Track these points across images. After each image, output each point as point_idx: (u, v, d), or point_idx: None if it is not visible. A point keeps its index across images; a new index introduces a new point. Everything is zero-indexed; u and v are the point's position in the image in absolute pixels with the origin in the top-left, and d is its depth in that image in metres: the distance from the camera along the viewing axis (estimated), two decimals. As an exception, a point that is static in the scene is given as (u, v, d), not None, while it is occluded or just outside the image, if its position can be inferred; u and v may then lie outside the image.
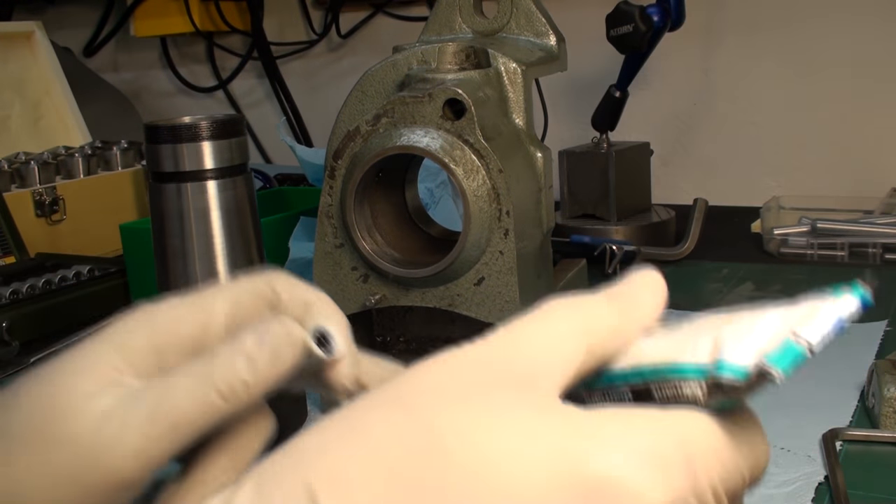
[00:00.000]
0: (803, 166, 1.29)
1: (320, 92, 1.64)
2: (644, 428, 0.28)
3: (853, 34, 1.23)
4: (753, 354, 0.28)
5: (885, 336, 0.73)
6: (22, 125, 1.28)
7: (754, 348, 0.28)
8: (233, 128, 0.64)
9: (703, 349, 0.30)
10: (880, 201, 1.11)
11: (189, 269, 0.64)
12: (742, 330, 0.30)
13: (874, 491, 0.51)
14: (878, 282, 0.31)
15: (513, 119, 0.65)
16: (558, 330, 0.31)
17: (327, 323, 0.43)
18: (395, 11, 1.53)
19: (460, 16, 0.72)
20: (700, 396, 0.29)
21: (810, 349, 0.28)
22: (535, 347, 0.30)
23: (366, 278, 0.64)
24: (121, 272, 0.94)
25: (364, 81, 0.66)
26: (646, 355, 0.31)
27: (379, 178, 0.65)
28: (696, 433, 0.29)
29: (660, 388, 0.30)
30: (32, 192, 1.07)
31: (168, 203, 0.63)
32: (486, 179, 0.60)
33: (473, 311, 0.62)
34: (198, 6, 1.58)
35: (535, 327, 0.31)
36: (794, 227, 1.02)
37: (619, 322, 0.32)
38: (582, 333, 0.31)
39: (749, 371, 0.28)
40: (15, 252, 0.99)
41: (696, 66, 1.34)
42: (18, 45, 1.30)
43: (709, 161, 1.36)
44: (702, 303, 0.86)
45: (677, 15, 1.06)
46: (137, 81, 1.80)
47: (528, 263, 0.63)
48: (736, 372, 0.28)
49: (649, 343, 0.32)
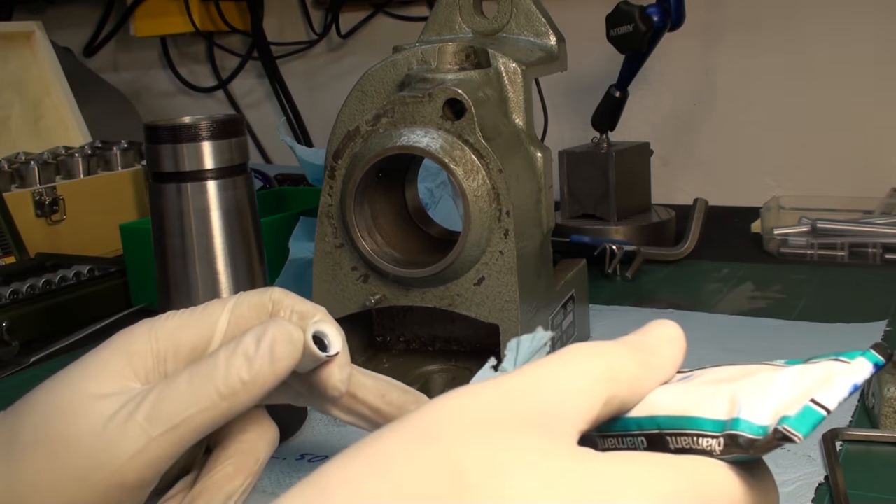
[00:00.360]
0: (803, 166, 1.29)
1: (320, 92, 1.64)
2: (663, 474, 0.29)
3: (853, 34, 1.23)
4: (771, 414, 0.29)
5: (885, 336, 0.73)
6: (22, 125, 1.28)
7: (772, 408, 0.29)
8: (233, 128, 0.64)
9: (721, 404, 0.30)
10: (880, 201, 1.11)
11: (189, 269, 0.64)
12: (759, 387, 0.30)
13: (874, 491, 0.51)
14: (890, 348, 0.32)
15: (513, 119, 0.65)
16: (581, 375, 0.31)
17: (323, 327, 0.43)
18: (395, 11, 1.53)
19: (460, 16, 0.72)
20: (716, 449, 0.30)
21: (828, 412, 0.29)
22: (557, 390, 0.31)
23: (366, 278, 0.64)
24: (121, 272, 0.94)
25: (364, 81, 0.66)
26: (662, 405, 0.32)
27: (379, 178, 0.65)
28: (713, 481, 0.29)
29: (675, 439, 0.31)
30: (32, 192, 1.07)
31: (168, 203, 0.63)
32: (486, 179, 0.60)
33: (473, 311, 0.62)
34: (198, 6, 1.58)
35: (559, 370, 0.31)
36: (794, 227, 1.02)
37: (640, 374, 0.32)
38: (604, 381, 0.31)
39: (767, 430, 0.29)
40: (15, 252, 0.99)
41: (696, 66, 1.34)
42: (18, 45, 1.30)
43: (709, 161, 1.36)
44: (702, 303, 0.86)
45: (677, 15, 1.06)
46: (137, 81, 1.80)
47: (528, 263, 0.63)
48: (754, 430, 0.29)
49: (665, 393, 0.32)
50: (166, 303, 0.64)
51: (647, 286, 0.93)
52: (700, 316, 0.81)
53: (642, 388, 0.32)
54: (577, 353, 0.32)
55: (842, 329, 0.75)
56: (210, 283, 0.64)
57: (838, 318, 0.77)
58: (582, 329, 0.75)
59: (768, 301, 0.85)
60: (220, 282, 0.64)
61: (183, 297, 0.64)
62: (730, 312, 0.82)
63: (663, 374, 0.33)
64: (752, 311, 0.82)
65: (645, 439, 0.31)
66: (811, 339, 0.73)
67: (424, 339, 0.69)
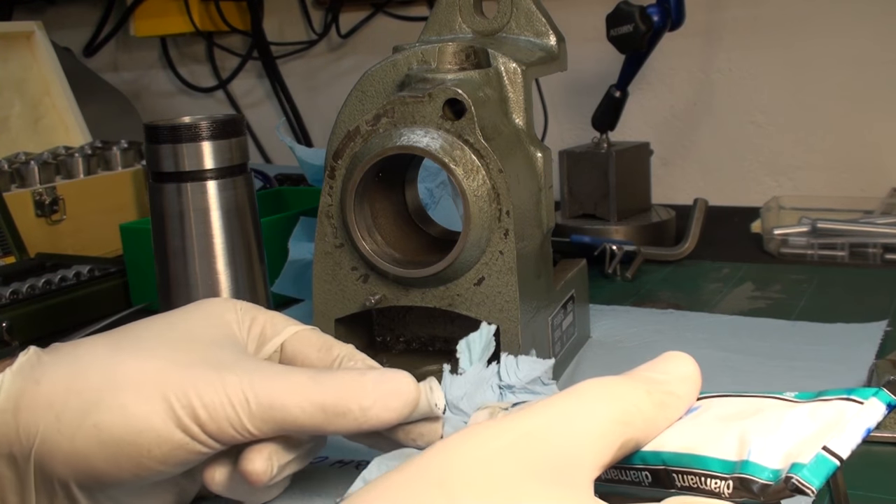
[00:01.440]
0: (803, 166, 1.29)
1: (320, 92, 1.64)
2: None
3: (853, 34, 1.23)
4: (782, 457, 0.28)
5: (886, 336, 0.73)
6: (22, 125, 1.28)
7: (783, 451, 0.28)
8: (233, 128, 0.64)
9: (730, 443, 0.30)
10: (880, 201, 1.11)
11: (189, 269, 0.64)
12: (768, 427, 0.29)
13: (874, 491, 0.51)
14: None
15: (513, 119, 0.65)
16: (597, 418, 0.30)
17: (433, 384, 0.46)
18: (395, 11, 1.53)
19: (460, 16, 0.72)
20: (725, 492, 0.29)
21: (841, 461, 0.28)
22: (573, 436, 0.30)
23: (366, 278, 0.64)
24: (121, 272, 0.94)
25: (364, 81, 0.66)
26: (667, 441, 0.31)
27: (379, 178, 0.65)
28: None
29: (682, 477, 0.30)
30: (32, 192, 1.07)
31: (168, 203, 0.63)
32: (486, 179, 0.60)
33: (473, 311, 0.62)
34: (198, 6, 1.58)
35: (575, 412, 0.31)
36: (794, 227, 1.02)
37: (654, 414, 0.31)
38: (619, 424, 0.30)
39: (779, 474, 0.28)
40: (15, 252, 0.99)
41: (696, 66, 1.34)
42: (18, 45, 1.30)
43: (709, 161, 1.36)
44: (702, 303, 0.86)
45: (677, 15, 1.06)
46: (137, 81, 1.80)
47: (528, 263, 0.63)
48: (765, 474, 0.28)
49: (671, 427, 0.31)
50: (166, 303, 0.64)
51: (647, 286, 0.93)
52: (700, 316, 0.81)
53: (657, 429, 0.31)
54: (593, 393, 0.31)
55: (842, 329, 0.75)
56: (210, 283, 0.64)
57: (838, 318, 0.77)
58: (582, 329, 0.75)
59: (768, 301, 0.85)
60: (220, 282, 0.64)
61: (183, 297, 0.64)
62: (730, 312, 0.82)
63: (678, 414, 0.32)
64: (752, 311, 0.82)
65: (650, 474, 0.31)
66: (811, 339, 0.73)
67: (424, 339, 0.69)
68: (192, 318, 0.46)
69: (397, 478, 0.29)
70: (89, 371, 0.41)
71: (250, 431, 0.42)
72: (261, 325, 0.48)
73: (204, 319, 0.46)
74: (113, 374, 0.41)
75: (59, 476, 0.40)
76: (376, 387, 0.42)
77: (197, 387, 0.41)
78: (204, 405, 0.41)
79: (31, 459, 0.40)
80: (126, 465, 0.40)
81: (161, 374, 0.41)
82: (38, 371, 0.41)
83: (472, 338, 0.54)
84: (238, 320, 0.47)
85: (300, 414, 0.41)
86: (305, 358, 0.48)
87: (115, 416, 0.40)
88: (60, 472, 0.40)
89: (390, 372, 0.43)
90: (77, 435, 0.40)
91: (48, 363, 0.42)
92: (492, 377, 0.53)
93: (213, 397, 0.41)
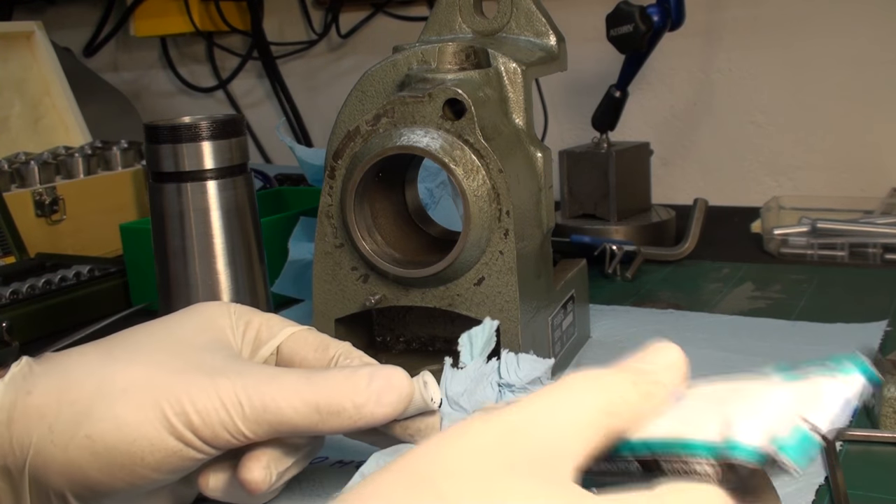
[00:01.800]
0: (803, 166, 1.29)
1: (320, 92, 1.64)
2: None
3: (853, 34, 1.23)
4: (764, 435, 0.29)
5: (885, 336, 0.73)
6: (22, 125, 1.28)
7: (764, 429, 0.29)
8: (233, 128, 0.64)
9: (712, 426, 0.30)
10: (880, 201, 1.11)
11: (189, 269, 0.64)
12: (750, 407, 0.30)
13: (874, 491, 0.51)
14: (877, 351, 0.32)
15: (513, 119, 0.65)
16: (581, 408, 0.31)
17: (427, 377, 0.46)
18: (395, 11, 1.53)
19: (460, 16, 0.72)
20: (711, 474, 0.30)
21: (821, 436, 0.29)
22: (555, 428, 0.30)
23: (366, 278, 0.64)
24: (121, 272, 0.94)
25: (364, 81, 0.66)
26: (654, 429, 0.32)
27: (379, 178, 0.65)
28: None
29: (669, 462, 0.31)
30: (32, 192, 1.07)
31: (168, 203, 0.63)
32: (486, 179, 0.60)
33: (473, 311, 0.62)
34: (198, 6, 1.58)
35: (559, 404, 0.31)
36: (794, 227, 1.02)
37: (642, 404, 0.32)
38: (604, 414, 0.31)
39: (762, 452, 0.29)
40: (15, 252, 0.99)
41: (696, 66, 1.34)
42: (18, 45, 1.30)
43: (709, 161, 1.36)
44: (702, 303, 0.86)
45: (677, 15, 1.06)
46: (137, 81, 1.80)
47: (528, 263, 0.63)
48: (748, 453, 0.29)
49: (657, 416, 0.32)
50: (166, 303, 0.64)
51: (647, 286, 0.93)
52: (700, 316, 0.81)
53: (643, 418, 0.32)
54: (578, 385, 0.31)
55: (842, 329, 0.75)
56: (210, 284, 0.64)
57: (838, 318, 0.77)
58: (582, 329, 0.75)
59: (768, 301, 0.85)
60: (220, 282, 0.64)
61: (183, 297, 0.64)
62: (730, 312, 0.82)
63: (664, 403, 0.32)
64: (752, 311, 0.82)
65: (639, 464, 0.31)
66: (811, 339, 0.73)
67: (424, 339, 0.69)
68: (185, 324, 0.46)
69: (386, 475, 0.29)
70: (81, 380, 0.41)
71: (245, 435, 0.42)
72: (256, 328, 0.48)
73: (196, 325, 0.46)
74: (104, 383, 0.41)
75: (54, 487, 0.41)
76: (369, 384, 0.42)
77: (190, 393, 0.41)
78: (197, 411, 0.41)
79: (26, 471, 0.40)
80: (120, 474, 0.40)
81: (153, 381, 0.41)
82: (30, 381, 0.41)
83: (475, 332, 0.54)
84: (232, 325, 0.47)
85: (294, 415, 0.41)
86: (302, 359, 0.48)
87: (107, 426, 0.40)
88: (55, 483, 0.40)
89: (383, 368, 0.44)
90: (70, 446, 0.40)
91: (40, 373, 0.42)
92: (492, 374, 0.53)
93: (206, 402, 0.41)
